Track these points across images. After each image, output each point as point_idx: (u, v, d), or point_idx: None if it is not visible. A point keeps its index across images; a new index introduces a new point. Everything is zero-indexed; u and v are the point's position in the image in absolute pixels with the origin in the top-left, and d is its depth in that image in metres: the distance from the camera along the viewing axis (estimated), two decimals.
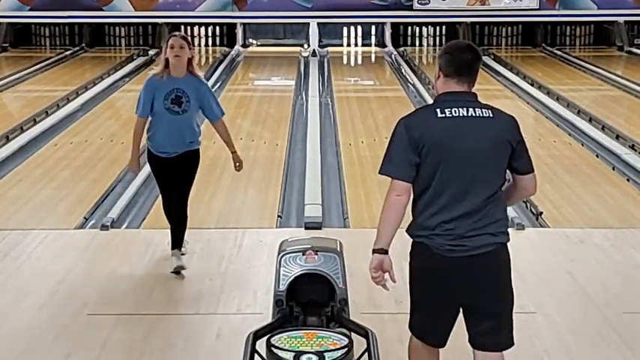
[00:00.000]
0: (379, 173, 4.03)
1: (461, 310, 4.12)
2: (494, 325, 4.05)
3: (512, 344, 4.14)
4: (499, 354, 4.10)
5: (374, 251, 4.03)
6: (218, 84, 15.00)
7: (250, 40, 19.19)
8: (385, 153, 4.02)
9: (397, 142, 3.97)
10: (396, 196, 3.97)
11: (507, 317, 4.09)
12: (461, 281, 3.97)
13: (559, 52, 18.61)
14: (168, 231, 6.56)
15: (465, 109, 3.96)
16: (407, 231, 4.06)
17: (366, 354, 4.24)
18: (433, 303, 4.07)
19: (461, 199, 3.93)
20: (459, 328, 4.14)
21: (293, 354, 4.00)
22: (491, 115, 3.99)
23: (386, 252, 4.01)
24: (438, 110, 3.97)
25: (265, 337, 4.22)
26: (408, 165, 3.95)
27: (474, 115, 3.96)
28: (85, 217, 7.88)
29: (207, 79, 15.59)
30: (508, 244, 4.05)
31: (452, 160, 3.92)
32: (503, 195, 4.05)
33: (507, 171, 4.08)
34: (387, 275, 4.03)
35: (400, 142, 3.96)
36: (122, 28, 19.78)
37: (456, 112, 3.95)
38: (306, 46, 19.32)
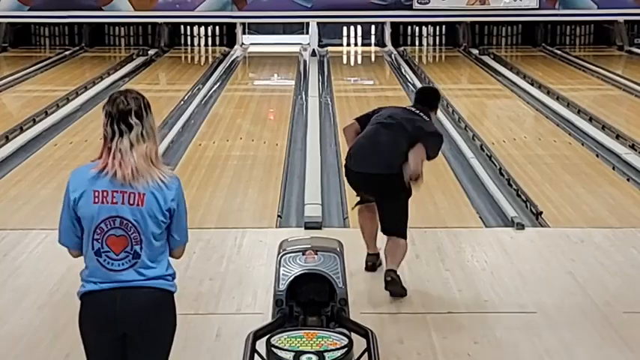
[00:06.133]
0: None
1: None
2: (384, 216, 6.10)
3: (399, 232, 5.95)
4: (392, 237, 6.02)
5: None
6: (218, 84, 14.99)
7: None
8: None
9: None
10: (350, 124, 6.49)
11: (392, 213, 6.05)
12: (365, 185, 6.21)
13: (559, 52, 18.59)
14: None
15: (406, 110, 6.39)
16: None
17: (366, 354, 4.24)
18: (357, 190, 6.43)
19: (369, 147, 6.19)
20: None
21: (293, 354, 3.99)
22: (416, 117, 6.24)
23: None
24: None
25: (265, 337, 4.22)
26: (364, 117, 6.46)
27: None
28: None
29: (207, 79, 15.78)
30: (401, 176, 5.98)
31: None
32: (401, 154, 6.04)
33: None
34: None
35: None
36: (122, 28, 19.78)
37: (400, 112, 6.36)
38: (305, 44, 19.31)
